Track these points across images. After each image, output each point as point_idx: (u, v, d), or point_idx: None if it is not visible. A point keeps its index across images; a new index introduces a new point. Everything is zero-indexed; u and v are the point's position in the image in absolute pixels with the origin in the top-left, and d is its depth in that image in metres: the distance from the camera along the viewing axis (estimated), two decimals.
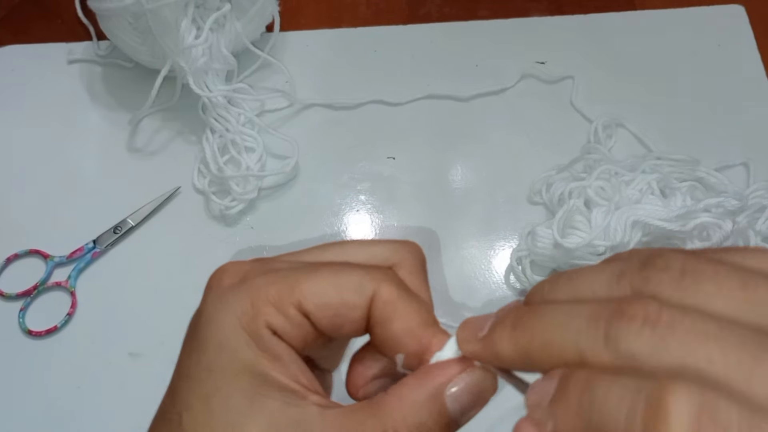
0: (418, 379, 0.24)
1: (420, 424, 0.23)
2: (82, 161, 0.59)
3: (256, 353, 0.24)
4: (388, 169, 0.58)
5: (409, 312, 0.25)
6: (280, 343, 0.24)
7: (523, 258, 0.52)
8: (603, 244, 0.48)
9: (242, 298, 0.24)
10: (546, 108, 0.60)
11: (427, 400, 0.23)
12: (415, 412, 0.23)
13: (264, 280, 0.25)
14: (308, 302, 0.24)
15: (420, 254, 0.28)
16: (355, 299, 0.24)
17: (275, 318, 0.24)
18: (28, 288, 0.54)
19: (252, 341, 0.24)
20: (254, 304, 0.24)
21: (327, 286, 0.24)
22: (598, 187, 0.51)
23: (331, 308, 0.24)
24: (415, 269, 0.27)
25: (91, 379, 0.51)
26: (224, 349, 0.24)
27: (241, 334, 0.24)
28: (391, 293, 0.24)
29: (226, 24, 0.56)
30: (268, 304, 0.24)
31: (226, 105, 0.56)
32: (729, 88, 0.60)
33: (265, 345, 0.24)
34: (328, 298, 0.24)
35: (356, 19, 0.65)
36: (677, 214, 0.47)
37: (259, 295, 0.24)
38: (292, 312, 0.24)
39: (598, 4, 0.65)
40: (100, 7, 0.55)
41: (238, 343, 0.24)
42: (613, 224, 0.47)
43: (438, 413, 0.23)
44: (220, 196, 0.56)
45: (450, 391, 0.23)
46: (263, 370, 0.24)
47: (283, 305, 0.24)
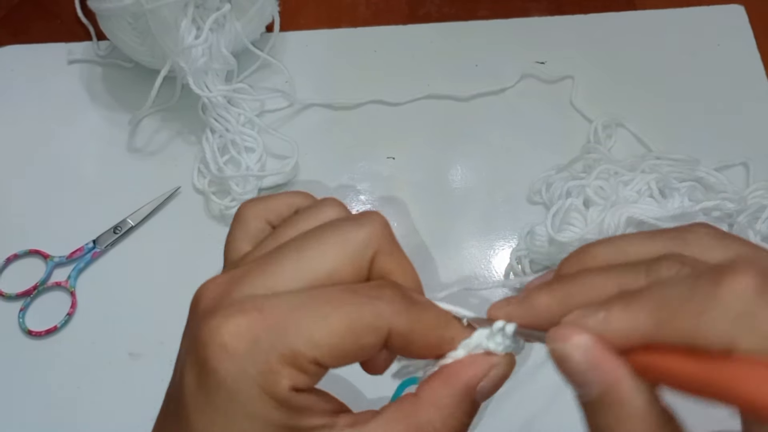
0: (447, 380, 0.25)
1: (456, 425, 0.24)
2: (81, 161, 0.59)
3: (287, 414, 0.23)
4: (388, 169, 0.58)
5: (426, 331, 0.25)
6: (305, 396, 0.24)
7: (523, 257, 0.52)
8: (596, 239, 0.48)
9: (260, 366, 0.23)
10: (546, 108, 0.60)
11: (461, 401, 0.25)
12: (452, 414, 0.24)
13: (276, 339, 0.23)
14: (326, 357, 0.23)
15: (388, 227, 0.28)
16: (372, 341, 0.24)
17: (297, 378, 0.23)
18: (28, 288, 0.54)
19: (280, 405, 0.23)
20: (273, 369, 0.23)
21: (343, 336, 0.23)
22: (597, 187, 0.51)
23: (349, 356, 0.24)
24: (391, 248, 0.27)
25: (91, 380, 0.51)
26: (255, 418, 0.23)
27: (268, 401, 0.23)
28: (405, 325, 0.24)
29: (226, 24, 0.56)
30: (286, 367, 0.23)
31: (225, 105, 0.56)
32: (729, 87, 0.60)
33: (293, 404, 0.23)
34: (345, 348, 0.23)
35: (356, 19, 0.65)
36: (672, 214, 0.48)
37: (275, 358, 0.23)
38: (311, 369, 0.23)
39: (597, 4, 0.65)
40: (99, 7, 0.55)
41: (268, 410, 0.23)
42: (607, 220, 0.47)
43: (472, 409, 0.25)
44: (220, 196, 0.56)
45: (480, 387, 0.25)
46: (296, 423, 0.24)
47: (300, 364, 0.23)
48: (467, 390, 0.25)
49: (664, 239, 0.24)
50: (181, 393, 0.24)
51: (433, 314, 0.25)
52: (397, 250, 0.27)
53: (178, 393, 0.25)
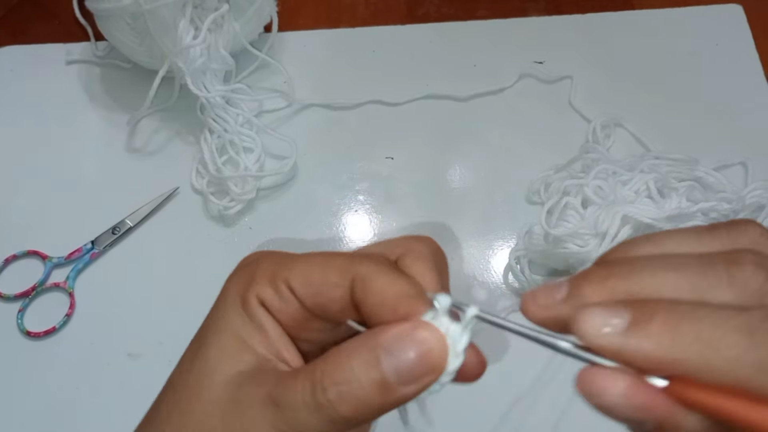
0: (362, 335, 0.23)
1: (347, 370, 0.22)
2: (80, 162, 0.59)
3: (243, 320, 0.26)
4: (387, 169, 0.58)
5: (384, 285, 0.24)
6: (266, 314, 0.26)
7: (522, 257, 0.52)
8: (590, 233, 0.48)
9: (247, 273, 0.27)
10: (544, 108, 0.60)
11: (362, 350, 0.23)
12: (347, 359, 0.23)
13: (269, 259, 0.27)
14: (294, 279, 0.26)
15: (431, 244, 0.28)
16: (335, 278, 0.25)
17: (264, 289, 0.26)
18: (27, 289, 0.53)
19: (242, 309, 0.26)
20: (253, 276, 0.26)
21: (314, 266, 0.26)
22: (596, 186, 0.51)
23: (314, 285, 0.26)
24: (422, 255, 0.27)
25: (90, 380, 0.51)
26: (220, 312, 0.27)
27: (236, 300, 0.26)
28: (368, 270, 0.25)
29: (224, 24, 0.56)
30: (263, 278, 0.26)
31: (224, 105, 0.56)
32: (727, 87, 0.60)
33: (252, 312, 0.26)
34: (312, 276, 0.26)
35: (354, 20, 0.65)
36: (669, 215, 0.48)
37: (258, 270, 0.27)
38: (281, 287, 0.26)
39: (596, 4, 0.65)
40: (98, 7, 0.55)
41: (232, 308, 0.26)
42: (602, 217, 0.48)
43: (369, 363, 0.22)
44: (219, 196, 0.56)
45: (387, 344, 0.22)
46: (243, 335, 0.26)
47: (274, 280, 0.26)
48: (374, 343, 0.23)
49: (716, 239, 0.22)
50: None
51: (403, 277, 0.25)
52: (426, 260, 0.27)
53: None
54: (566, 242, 0.48)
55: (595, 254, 0.47)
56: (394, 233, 0.55)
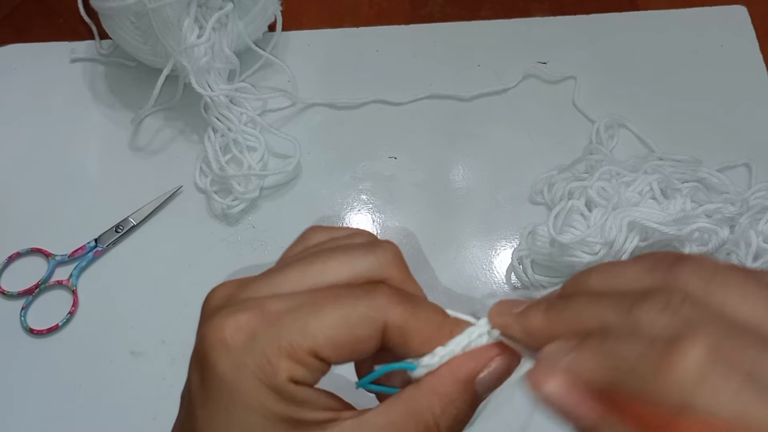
0: (450, 373, 0.25)
1: (457, 414, 0.25)
2: (84, 160, 0.59)
3: (287, 405, 0.24)
4: (390, 169, 0.58)
5: (422, 325, 0.25)
6: (304, 388, 0.25)
7: (524, 258, 0.52)
8: (598, 241, 0.48)
9: (258, 359, 0.24)
10: (548, 108, 0.60)
11: (463, 391, 0.25)
12: (453, 404, 0.25)
13: (273, 333, 0.24)
14: (323, 349, 0.24)
15: (400, 257, 0.28)
16: (367, 334, 0.25)
17: (295, 370, 0.24)
18: (30, 287, 0.54)
19: (279, 397, 0.24)
20: (271, 361, 0.24)
21: (337, 327, 0.24)
22: (600, 188, 0.51)
23: (347, 348, 0.24)
24: (402, 277, 0.27)
25: (92, 378, 0.51)
26: (254, 411, 0.24)
27: (267, 393, 0.24)
28: (401, 316, 0.25)
29: (229, 23, 0.56)
30: (284, 359, 0.24)
31: (228, 104, 0.56)
32: (731, 88, 0.60)
33: (292, 396, 0.24)
34: (341, 340, 0.24)
35: (358, 19, 0.65)
36: (674, 218, 0.47)
37: (273, 351, 0.24)
38: (309, 360, 0.24)
39: (600, 4, 0.65)
40: (102, 6, 0.55)
41: (267, 401, 0.24)
42: (609, 223, 0.48)
43: (471, 400, 0.25)
44: (222, 195, 0.56)
45: (480, 379, 0.25)
46: (295, 415, 0.24)
47: (298, 356, 0.24)
48: (468, 380, 0.25)
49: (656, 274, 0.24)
50: (188, 391, 0.25)
51: (429, 308, 0.26)
52: (408, 279, 0.28)
53: (186, 392, 0.26)
54: (574, 249, 0.48)
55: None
56: (396, 233, 0.55)
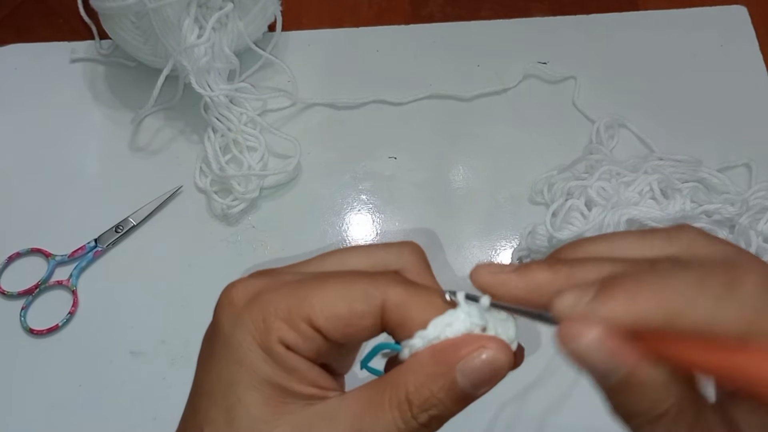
0: (432, 354, 0.24)
1: (431, 396, 0.24)
2: (84, 160, 0.59)
3: (273, 368, 0.24)
4: (390, 169, 0.58)
5: (422, 306, 0.25)
6: (294, 356, 0.25)
7: (524, 257, 0.52)
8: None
9: (255, 316, 0.25)
10: (548, 108, 0.60)
11: (439, 375, 0.24)
12: (427, 384, 0.24)
13: (275, 296, 0.25)
14: (318, 317, 0.24)
15: (421, 254, 0.28)
16: (364, 308, 0.25)
17: (287, 333, 0.24)
18: (30, 287, 0.54)
19: (268, 357, 0.24)
20: (266, 320, 0.24)
21: (335, 298, 0.25)
22: (600, 188, 0.51)
23: (341, 320, 0.25)
24: (420, 269, 0.27)
25: (92, 378, 0.51)
26: (243, 365, 0.25)
27: (257, 351, 0.24)
28: (400, 295, 0.25)
29: (229, 23, 0.56)
30: (279, 320, 0.24)
31: (228, 104, 0.56)
32: (731, 88, 0.60)
33: (281, 359, 0.24)
34: (337, 311, 0.24)
35: (358, 19, 0.65)
36: (674, 217, 0.47)
37: (269, 311, 0.25)
38: (303, 327, 0.24)
39: (600, 4, 0.65)
40: (102, 6, 0.55)
41: (256, 359, 0.24)
42: (608, 220, 0.47)
43: (449, 387, 0.24)
44: (222, 195, 0.56)
45: (460, 367, 0.24)
46: (281, 382, 0.25)
47: (293, 321, 0.24)
48: (446, 363, 0.24)
49: (657, 239, 0.25)
50: (201, 348, 0.27)
51: (431, 291, 0.26)
52: (425, 272, 0.28)
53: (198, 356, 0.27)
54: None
55: None
56: (396, 233, 0.55)
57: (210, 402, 0.25)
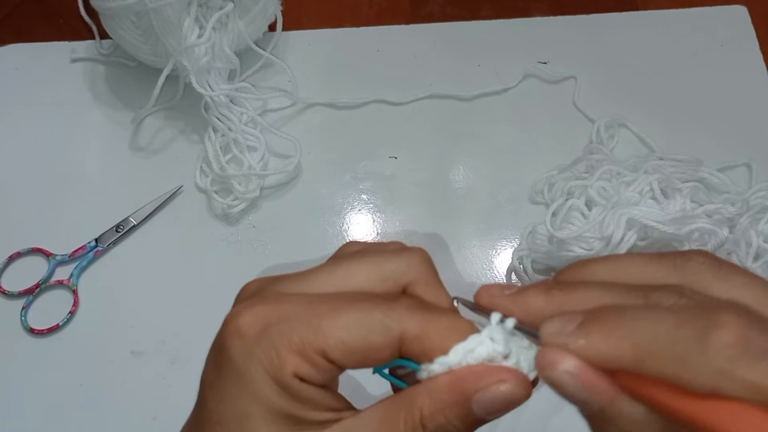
0: (450, 382, 0.24)
1: (445, 423, 0.24)
2: (84, 160, 0.59)
3: (288, 400, 0.24)
4: (390, 169, 0.58)
5: (443, 334, 0.25)
6: (309, 387, 0.25)
7: (525, 257, 0.52)
8: (595, 236, 0.48)
9: (267, 350, 0.24)
10: (548, 108, 0.60)
11: (454, 403, 0.24)
12: (443, 411, 0.24)
13: (286, 328, 0.24)
14: (333, 351, 0.24)
15: (429, 262, 0.28)
16: (381, 341, 0.24)
17: (301, 367, 0.24)
18: (30, 286, 0.54)
19: (283, 391, 0.24)
20: (279, 354, 0.24)
21: (350, 331, 0.24)
22: (600, 187, 0.51)
23: (358, 353, 0.24)
24: (430, 280, 0.27)
25: (93, 378, 0.51)
26: (257, 399, 0.24)
27: (271, 385, 0.24)
28: (419, 325, 0.24)
29: (229, 23, 0.56)
30: (292, 353, 0.24)
31: (228, 104, 0.56)
32: (732, 88, 0.60)
33: (295, 393, 0.24)
34: (353, 345, 0.24)
35: (358, 19, 0.65)
36: (674, 217, 0.47)
37: (283, 344, 0.24)
38: (317, 360, 0.24)
39: (600, 4, 0.65)
40: (102, 5, 0.55)
41: (271, 394, 0.24)
42: (607, 219, 0.47)
43: (464, 415, 0.24)
44: (223, 195, 0.56)
45: (478, 398, 0.24)
46: (297, 413, 0.25)
47: (307, 354, 0.24)
48: (463, 394, 0.24)
49: (662, 266, 0.24)
50: (203, 374, 0.26)
51: (450, 317, 0.25)
52: (435, 284, 0.27)
53: (203, 375, 0.26)
54: (571, 245, 0.48)
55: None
56: (397, 233, 0.55)
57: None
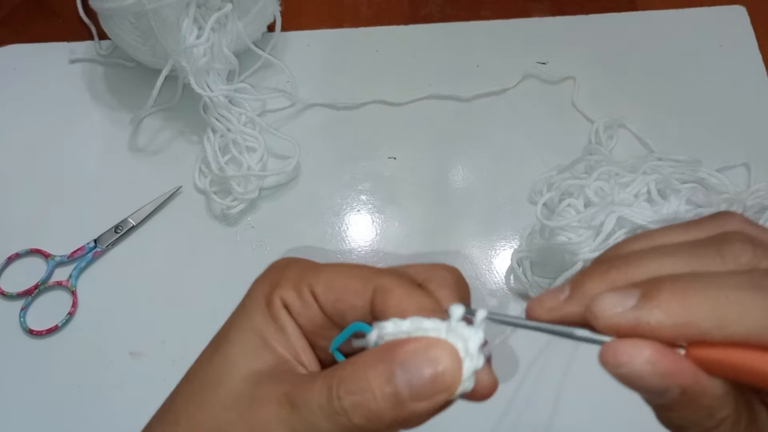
0: (380, 348, 0.24)
1: (362, 380, 0.23)
2: (83, 161, 0.59)
3: (266, 319, 0.27)
4: (389, 169, 0.58)
5: (403, 297, 0.25)
6: (288, 317, 0.27)
7: (524, 259, 0.52)
8: (583, 226, 0.48)
9: (274, 275, 0.28)
10: (547, 108, 0.60)
11: (379, 362, 0.23)
12: (364, 370, 0.23)
13: (295, 265, 0.28)
14: (318, 284, 0.26)
15: (457, 275, 0.27)
16: (357, 286, 0.26)
17: (289, 293, 0.27)
18: (29, 287, 0.54)
19: (266, 309, 0.27)
20: (279, 279, 0.27)
21: (338, 273, 0.27)
22: (598, 188, 0.51)
23: (335, 291, 0.26)
24: (446, 282, 0.27)
25: (91, 379, 0.51)
26: (245, 310, 0.27)
27: (261, 300, 0.27)
28: (389, 282, 0.26)
29: (228, 24, 0.56)
30: (288, 282, 0.27)
31: (227, 105, 0.56)
32: (730, 88, 0.60)
33: (275, 314, 0.27)
34: (334, 283, 0.26)
35: (358, 19, 0.65)
36: (665, 218, 0.47)
37: (285, 274, 0.27)
38: (304, 291, 0.26)
39: (599, 4, 0.65)
40: (101, 6, 0.55)
41: (256, 307, 0.27)
42: (598, 215, 0.47)
43: (385, 377, 0.23)
44: (222, 195, 0.56)
45: (402, 359, 0.23)
46: (266, 335, 0.26)
47: (298, 285, 0.27)
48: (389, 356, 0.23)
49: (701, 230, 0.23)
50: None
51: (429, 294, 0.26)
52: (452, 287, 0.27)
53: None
54: (559, 234, 0.48)
55: (588, 247, 0.47)
56: (396, 233, 0.55)
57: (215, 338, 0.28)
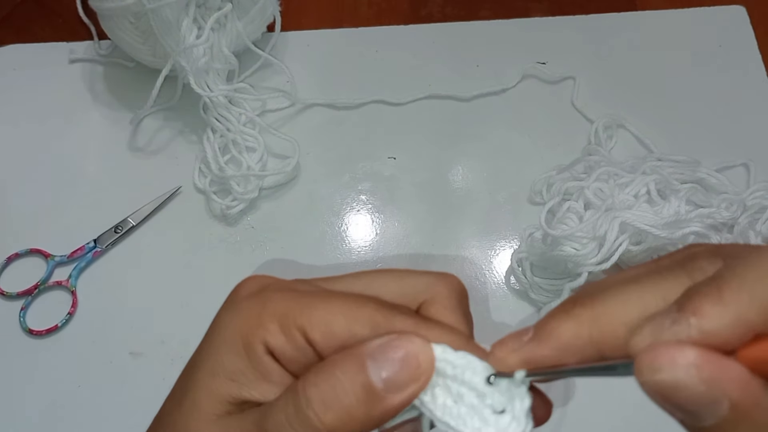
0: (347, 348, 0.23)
1: (334, 386, 0.22)
2: (83, 160, 0.59)
3: (245, 365, 0.23)
4: (389, 169, 0.58)
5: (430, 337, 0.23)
6: (274, 364, 0.23)
7: (524, 260, 0.52)
8: (587, 236, 0.48)
9: (252, 307, 0.24)
10: (547, 108, 0.60)
11: (347, 360, 0.22)
12: (330, 372, 0.22)
13: (278, 296, 0.24)
14: (314, 330, 0.23)
15: (458, 288, 0.26)
16: (365, 334, 0.23)
17: (275, 337, 0.23)
18: (29, 287, 0.54)
19: (245, 353, 0.23)
20: (260, 316, 0.23)
21: (337, 316, 0.23)
22: (597, 189, 0.51)
23: (339, 339, 0.23)
24: (450, 304, 0.25)
25: (91, 379, 0.51)
26: (215, 350, 0.24)
27: (236, 341, 0.23)
28: (405, 327, 0.23)
29: (228, 24, 0.56)
30: (272, 321, 0.23)
31: (227, 105, 0.56)
32: (730, 88, 0.60)
33: (257, 361, 0.23)
34: (335, 329, 0.23)
35: (358, 19, 0.65)
36: (667, 221, 0.47)
37: (266, 308, 0.23)
38: (294, 335, 0.23)
39: (599, 4, 0.65)
40: (101, 6, 0.55)
41: (231, 350, 0.23)
42: (601, 221, 0.47)
43: (356, 372, 0.22)
44: (221, 195, 0.56)
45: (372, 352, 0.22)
46: (242, 381, 0.23)
47: (287, 326, 0.23)
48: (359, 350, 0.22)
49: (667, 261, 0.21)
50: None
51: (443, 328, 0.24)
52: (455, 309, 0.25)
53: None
54: (563, 244, 0.48)
55: (593, 258, 0.47)
56: (396, 233, 0.55)
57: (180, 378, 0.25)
